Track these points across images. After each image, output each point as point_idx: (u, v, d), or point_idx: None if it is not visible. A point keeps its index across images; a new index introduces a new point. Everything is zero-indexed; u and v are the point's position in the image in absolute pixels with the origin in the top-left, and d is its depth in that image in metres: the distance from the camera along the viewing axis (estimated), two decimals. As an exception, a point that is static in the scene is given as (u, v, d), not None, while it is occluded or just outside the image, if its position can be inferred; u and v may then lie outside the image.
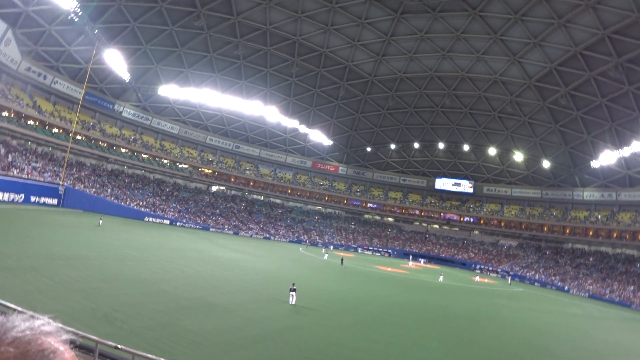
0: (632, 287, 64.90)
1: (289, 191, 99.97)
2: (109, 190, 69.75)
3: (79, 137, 69.66)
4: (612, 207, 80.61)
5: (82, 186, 65.01)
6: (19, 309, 7.21)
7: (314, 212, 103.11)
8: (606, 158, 70.05)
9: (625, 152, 67.02)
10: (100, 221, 47.59)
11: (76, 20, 56.28)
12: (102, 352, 6.22)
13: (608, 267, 74.06)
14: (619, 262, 74.73)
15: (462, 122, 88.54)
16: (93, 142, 73.10)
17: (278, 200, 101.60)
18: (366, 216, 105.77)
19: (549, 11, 58.33)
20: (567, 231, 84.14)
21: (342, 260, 57.25)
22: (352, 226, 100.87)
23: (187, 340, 15.50)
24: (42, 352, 1.03)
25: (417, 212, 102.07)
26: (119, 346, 5.93)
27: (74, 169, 67.86)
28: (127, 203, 69.92)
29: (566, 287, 69.55)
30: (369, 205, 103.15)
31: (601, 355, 25.33)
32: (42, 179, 57.81)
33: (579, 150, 79.65)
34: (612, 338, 32.18)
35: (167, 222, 71.99)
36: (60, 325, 1.10)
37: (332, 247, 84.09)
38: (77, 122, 66.42)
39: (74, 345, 1.12)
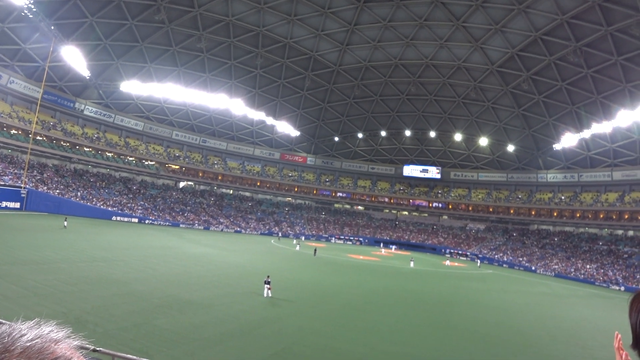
0: (595, 265, 67.19)
1: (258, 183, 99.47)
2: (73, 190, 68.04)
3: (39, 138, 67.43)
4: (575, 188, 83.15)
5: (45, 188, 63.24)
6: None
7: (284, 204, 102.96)
8: (568, 140, 72.18)
9: (586, 134, 69.16)
10: (65, 223, 46.48)
11: (30, 16, 54.48)
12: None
13: (572, 246, 76.42)
14: (582, 241, 77.22)
15: (428, 109, 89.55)
16: (54, 142, 70.92)
17: (247, 193, 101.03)
18: (336, 205, 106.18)
19: (509, -3, 59.38)
20: (533, 213, 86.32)
21: (315, 250, 57.51)
22: (323, 216, 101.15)
23: (163, 339, 15.32)
24: None
25: (387, 199, 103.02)
26: (98, 348, 5.79)
27: (36, 171, 65.95)
28: (94, 203, 68.36)
29: (533, 267, 71.46)
30: (339, 194, 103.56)
31: (567, 330, 26.18)
32: (2, 183, 55.99)
33: (541, 134, 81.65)
34: (577, 314, 33.29)
35: (136, 220, 70.73)
36: (69, 331, 1.06)
37: (303, 238, 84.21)
38: (36, 123, 64.45)
39: (90, 350, 1.09)
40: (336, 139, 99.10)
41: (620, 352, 1.81)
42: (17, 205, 56.66)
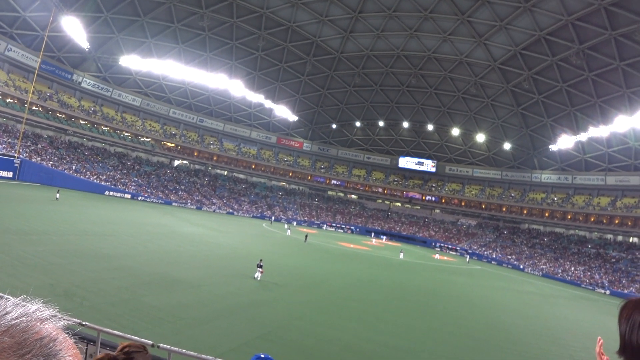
0: (582, 267, 67.79)
1: (253, 166, 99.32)
2: (67, 163, 67.71)
3: (35, 108, 66.89)
4: (568, 190, 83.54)
5: (39, 159, 62.88)
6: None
7: (278, 188, 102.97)
8: (564, 142, 72.28)
9: (583, 137, 69.31)
10: (57, 195, 46.34)
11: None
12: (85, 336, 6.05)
13: (561, 247, 77.00)
14: (572, 242, 77.81)
15: (427, 102, 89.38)
16: (50, 113, 70.38)
17: (242, 176, 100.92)
18: (330, 193, 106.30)
19: (515, -6, 59.07)
20: (525, 212, 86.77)
21: (306, 236, 57.68)
22: (316, 202, 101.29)
23: (151, 316, 15.38)
24: (40, 341, 0.91)
25: (380, 190, 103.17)
26: (84, 323, 5.80)
27: (30, 141, 65.54)
28: (87, 176, 68.09)
29: (521, 266, 72.01)
30: (333, 182, 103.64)
31: (550, 330, 26.50)
32: (-5, 150, 55.67)
33: (538, 134, 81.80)
34: (561, 314, 33.69)
35: (129, 196, 70.56)
36: (56, 309, 1.00)
37: (295, 223, 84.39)
38: (33, 92, 63.90)
39: (73, 333, 1.02)
40: (334, 126, 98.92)
41: (601, 357, 1.83)
42: (10, 174, 56.30)
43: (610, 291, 58.97)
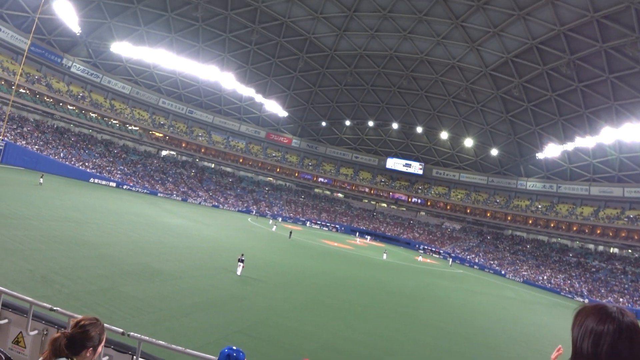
0: (563, 275, 68.57)
1: (241, 160, 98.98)
2: (53, 148, 66.91)
3: (22, 91, 65.92)
4: (552, 198, 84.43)
5: (24, 142, 62.04)
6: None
7: (265, 183, 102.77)
8: (551, 151, 73.01)
9: (569, 146, 70.01)
10: (41, 180, 45.78)
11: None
12: (38, 314, 6.00)
13: (543, 254, 77.79)
14: (554, 250, 78.66)
15: (418, 104, 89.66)
16: (38, 96, 69.41)
17: (229, 169, 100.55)
18: (316, 190, 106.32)
19: (511, 2, 59.35)
20: (509, 218, 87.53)
21: (290, 233, 57.67)
22: (302, 199, 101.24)
23: (129, 306, 15.25)
24: None
25: (367, 189, 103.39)
26: (55, 308, 5.73)
27: (16, 124, 64.64)
28: (72, 163, 67.35)
29: (503, 272, 72.63)
30: (320, 179, 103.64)
31: (526, 335, 26.82)
32: (-20, 131, 54.80)
33: (526, 141, 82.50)
34: (539, 320, 34.04)
35: (114, 184, 69.93)
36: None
37: (280, 219, 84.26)
38: (21, 74, 62.99)
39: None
40: (323, 123, 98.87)
41: None
42: (-7, 156, 55.56)
43: (588, 300, 59.71)
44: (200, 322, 15.71)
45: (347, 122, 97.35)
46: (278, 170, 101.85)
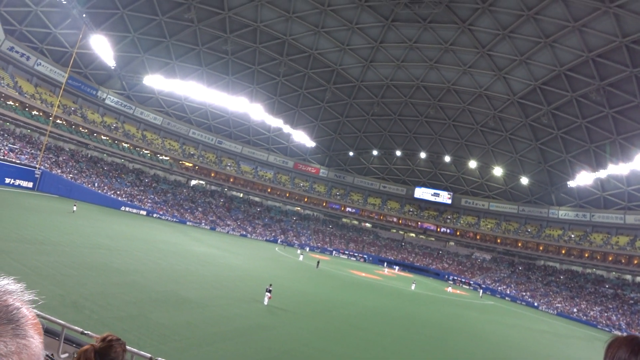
0: (599, 308, 66.21)
1: (269, 190, 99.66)
2: (86, 177, 68.71)
3: (59, 121, 68.37)
4: (586, 227, 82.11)
5: (59, 171, 63.95)
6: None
7: (293, 213, 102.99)
8: (583, 179, 71.30)
9: (602, 174, 68.37)
10: (74, 207, 46.90)
11: (64, 2, 55.47)
12: (69, 337, 6.13)
13: (578, 286, 75.36)
14: (589, 282, 76.11)
15: (445, 133, 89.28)
16: (73, 127, 71.84)
17: (257, 199, 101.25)
18: (344, 220, 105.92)
19: (537, 30, 59.28)
20: (541, 248, 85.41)
21: (317, 263, 57.36)
22: (330, 229, 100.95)
23: (157, 333, 15.36)
24: (6, 308, 1.08)
25: (395, 219, 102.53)
26: (86, 332, 5.84)
27: (52, 153, 66.77)
28: (104, 191, 68.96)
29: (536, 303, 70.57)
30: (348, 209, 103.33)
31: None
32: (18, 161, 56.71)
33: (557, 169, 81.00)
34: (574, 355, 32.79)
35: (144, 213, 71.18)
36: (24, 286, 1.17)
37: (308, 249, 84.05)
38: (58, 106, 65.38)
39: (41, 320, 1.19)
40: (351, 153, 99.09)
41: None
42: (30, 184, 57.32)
43: (627, 333, 57.28)
44: (225, 350, 15.69)
45: (375, 152, 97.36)
46: (306, 200, 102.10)
